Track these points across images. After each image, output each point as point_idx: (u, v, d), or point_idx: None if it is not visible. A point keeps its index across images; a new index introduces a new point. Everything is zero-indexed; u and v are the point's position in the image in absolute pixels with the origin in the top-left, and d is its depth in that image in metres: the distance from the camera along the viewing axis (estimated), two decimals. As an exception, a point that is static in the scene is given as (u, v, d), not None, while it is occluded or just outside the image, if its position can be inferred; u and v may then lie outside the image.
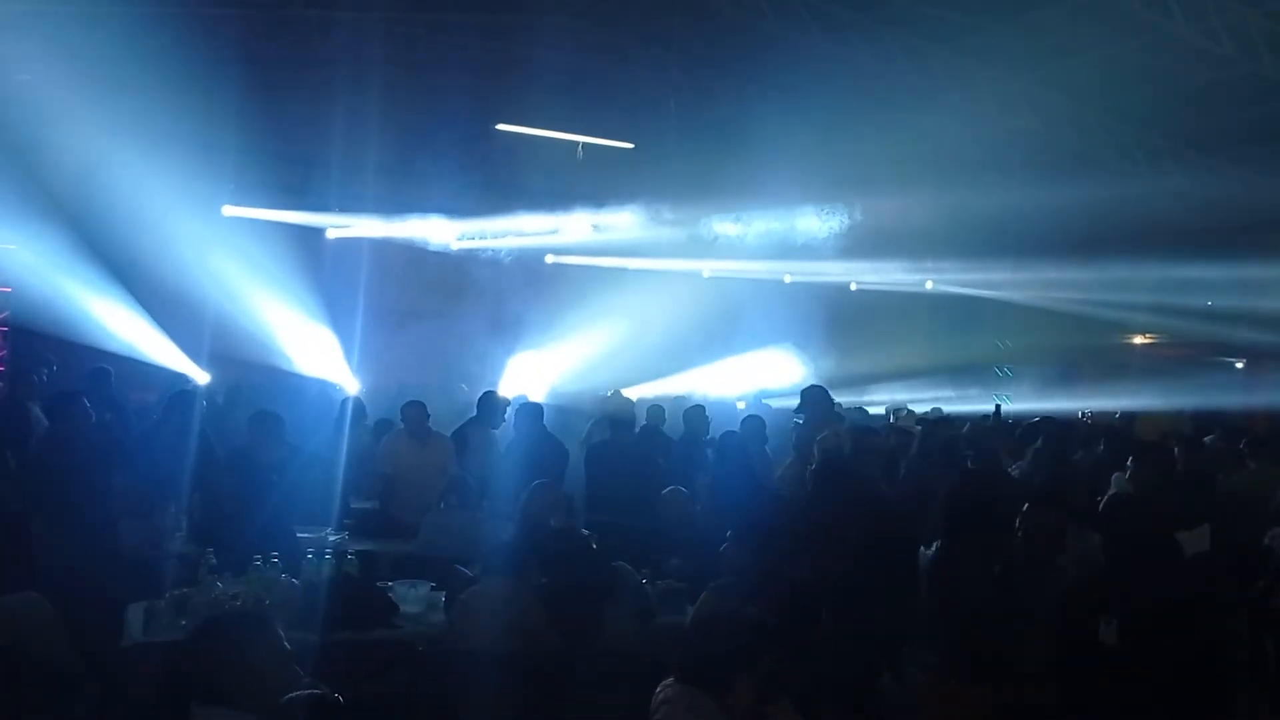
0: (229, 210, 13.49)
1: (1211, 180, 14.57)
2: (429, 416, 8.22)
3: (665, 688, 3.10)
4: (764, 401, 12.09)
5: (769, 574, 4.79)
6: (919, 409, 12.62)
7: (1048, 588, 4.06)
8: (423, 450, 7.97)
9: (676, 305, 15.05)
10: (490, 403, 8.52)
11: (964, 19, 12.40)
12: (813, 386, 7.50)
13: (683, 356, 15.09)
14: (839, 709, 4.35)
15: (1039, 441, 7.28)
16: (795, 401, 7.46)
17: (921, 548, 4.47)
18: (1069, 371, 16.15)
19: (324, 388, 11.72)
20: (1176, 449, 6.65)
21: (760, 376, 15.16)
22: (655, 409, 10.03)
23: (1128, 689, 3.53)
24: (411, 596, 5.20)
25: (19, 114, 10.45)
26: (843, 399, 10.97)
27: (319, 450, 7.81)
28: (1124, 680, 3.54)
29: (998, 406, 11.80)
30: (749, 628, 3.15)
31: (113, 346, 11.44)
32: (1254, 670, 5.08)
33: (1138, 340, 17.24)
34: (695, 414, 9.04)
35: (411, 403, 8.29)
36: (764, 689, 3.02)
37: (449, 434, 8.35)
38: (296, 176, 13.85)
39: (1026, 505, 4.31)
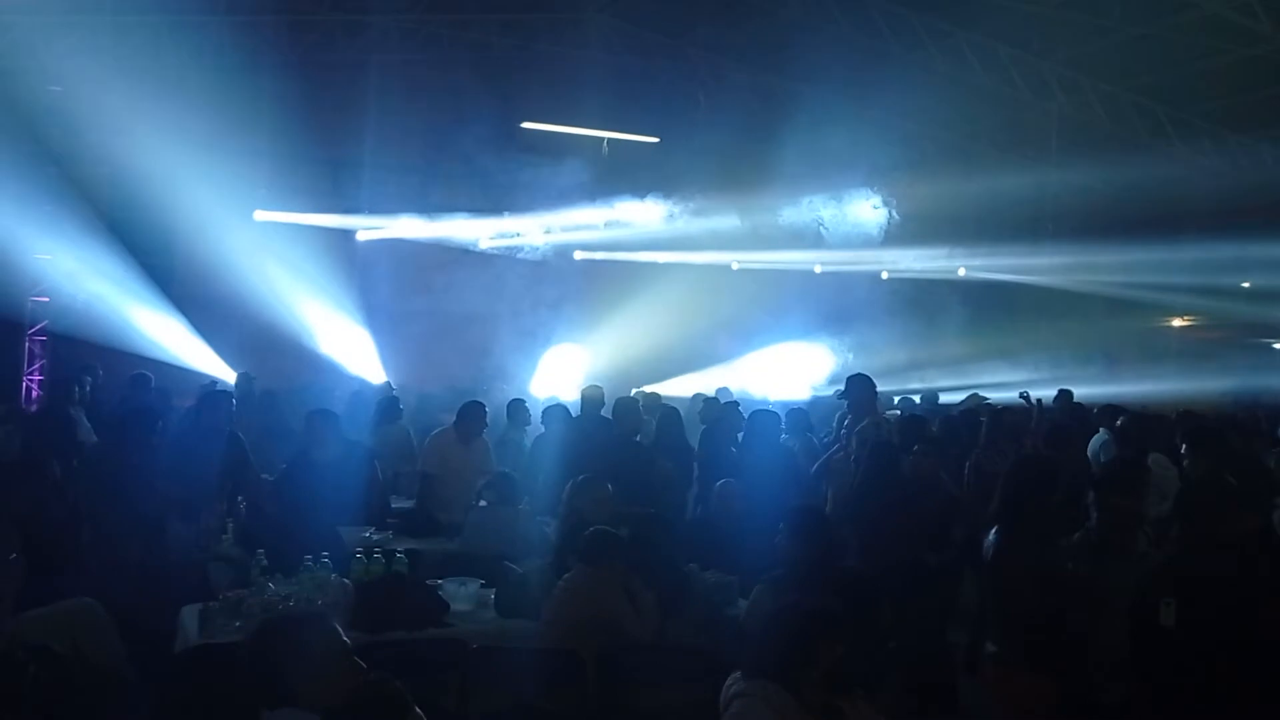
0: (261, 215, 13.56)
1: (1247, 159, 14.39)
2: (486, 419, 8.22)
3: (736, 681, 3.07)
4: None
5: (823, 565, 4.75)
6: (955, 397, 12.57)
7: (1117, 573, 3.99)
8: (466, 450, 7.96)
9: (705, 299, 15.01)
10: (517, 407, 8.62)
11: (992, 1, 12.28)
12: (857, 375, 7.46)
13: (713, 350, 15.05)
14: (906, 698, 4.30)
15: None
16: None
17: (983, 534, 4.40)
18: (1108, 356, 15.97)
19: (359, 387, 11.75)
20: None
21: (794, 369, 15.13)
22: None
23: (1192, 674, 3.47)
24: (462, 594, 5.18)
25: (54, 125, 10.55)
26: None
27: (360, 451, 7.82)
28: (1188, 666, 3.48)
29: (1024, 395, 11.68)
30: (820, 618, 3.11)
31: (151, 352, 11.54)
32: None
33: (1176, 323, 17.04)
34: (720, 410, 9.03)
35: (472, 403, 8.25)
36: (836, 679, 2.98)
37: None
38: (326, 180, 13.92)
39: (1098, 490, 4.24)
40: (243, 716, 2.91)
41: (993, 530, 4.30)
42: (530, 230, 15.09)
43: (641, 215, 15.03)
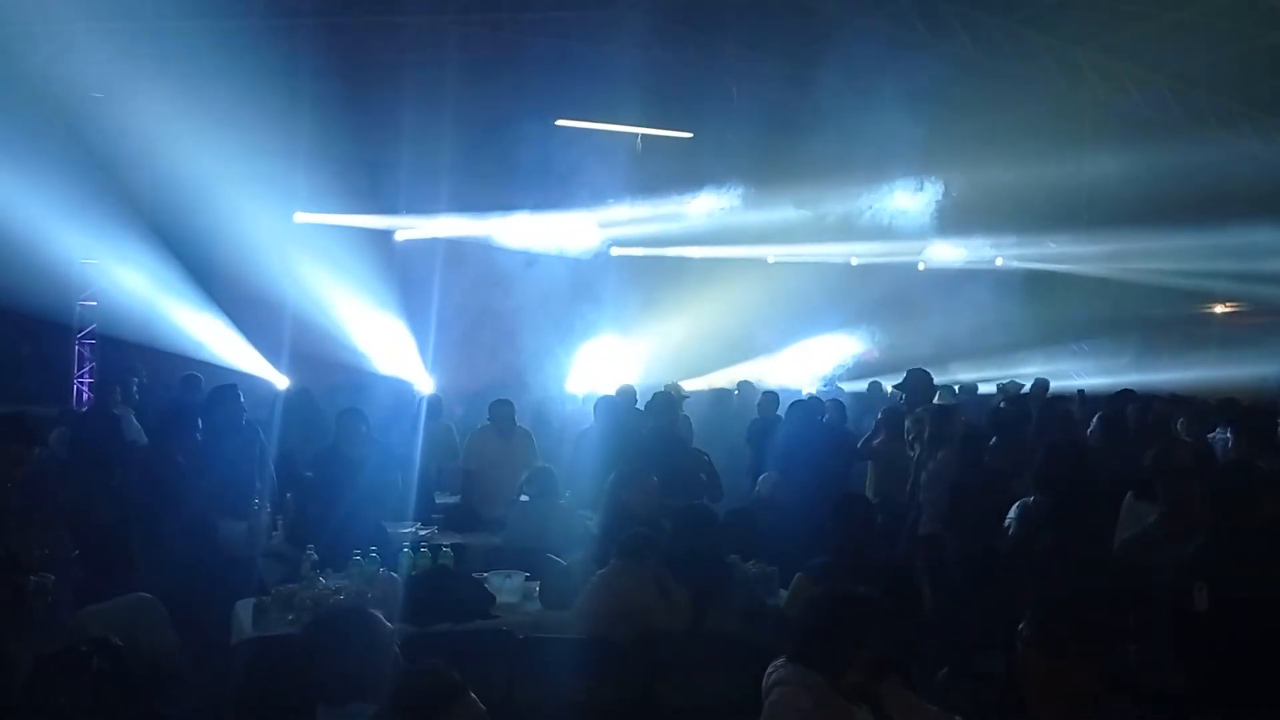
0: (301, 217, 13.72)
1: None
2: (515, 413, 8.39)
3: (777, 668, 3.12)
4: (837, 385, 12.05)
5: (863, 553, 4.79)
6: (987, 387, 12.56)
7: (1157, 559, 4.00)
8: (507, 445, 8.09)
9: (743, 293, 15.02)
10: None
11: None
12: (916, 369, 7.58)
13: (750, 344, 15.07)
14: (944, 686, 4.32)
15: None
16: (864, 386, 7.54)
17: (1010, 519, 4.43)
18: (1148, 344, 15.81)
19: (400, 387, 11.88)
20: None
21: (829, 361, 15.12)
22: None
23: (1225, 658, 3.48)
24: (507, 587, 5.27)
25: (96, 131, 10.74)
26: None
27: (396, 447, 7.96)
28: (1221, 650, 3.49)
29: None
30: (860, 606, 3.16)
31: (196, 353, 11.74)
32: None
33: (1218, 309, 16.84)
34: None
35: (501, 401, 8.48)
36: (876, 667, 3.02)
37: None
38: (365, 181, 14.04)
39: (1166, 480, 4.25)
40: (300, 712, 3.00)
41: (1019, 514, 4.33)
42: (567, 227, 15.15)
43: (678, 211, 15.07)
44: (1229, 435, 6.89)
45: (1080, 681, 4.15)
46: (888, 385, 10.05)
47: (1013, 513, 4.64)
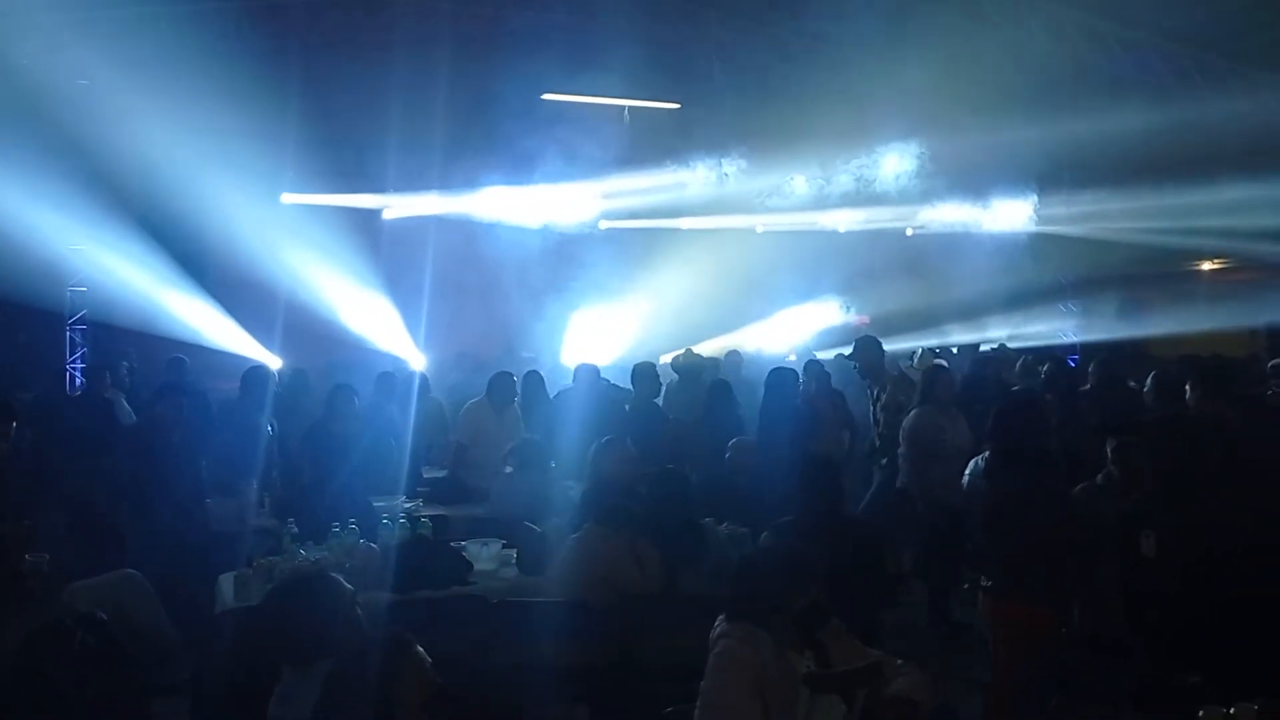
0: (287, 198, 13.78)
1: (1274, 98, 14.17)
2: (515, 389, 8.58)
3: (720, 623, 3.24)
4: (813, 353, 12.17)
5: (829, 514, 4.91)
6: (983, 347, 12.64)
7: (1107, 509, 4.12)
8: (499, 420, 8.23)
9: (731, 262, 15.09)
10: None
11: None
12: (865, 336, 7.90)
13: (739, 313, 15.16)
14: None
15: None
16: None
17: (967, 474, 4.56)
18: (1136, 303, 15.87)
19: (391, 364, 11.98)
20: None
21: (815, 327, 15.22)
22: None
23: (1172, 602, 3.60)
24: (485, 555, 5.40)
25: (82, 118, 10.79)
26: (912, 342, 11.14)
27: (386, 424, 8.07)
28: (1167, 594, 3.61)
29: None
30: (789, 562, 3.28)
31: (187, 337, 11.86)
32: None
33: (1206, 266, 16.88)
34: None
35: (502, 374, 8.69)
36: (814, 616, 3.14)
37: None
38: (350, 160, 14.08)
39: (1117, 434, 4.38)
40: (267, 673, 3.13)
41: (979, 467, 4.44)
42: (555, 201, 15.20)
43: (667, 182, 15.10)
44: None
45: (1038, 627, 4.30)
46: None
47: (969, 468, 4.77)
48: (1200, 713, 2.94)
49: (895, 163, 14.77)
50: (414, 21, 13.59)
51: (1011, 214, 16.11)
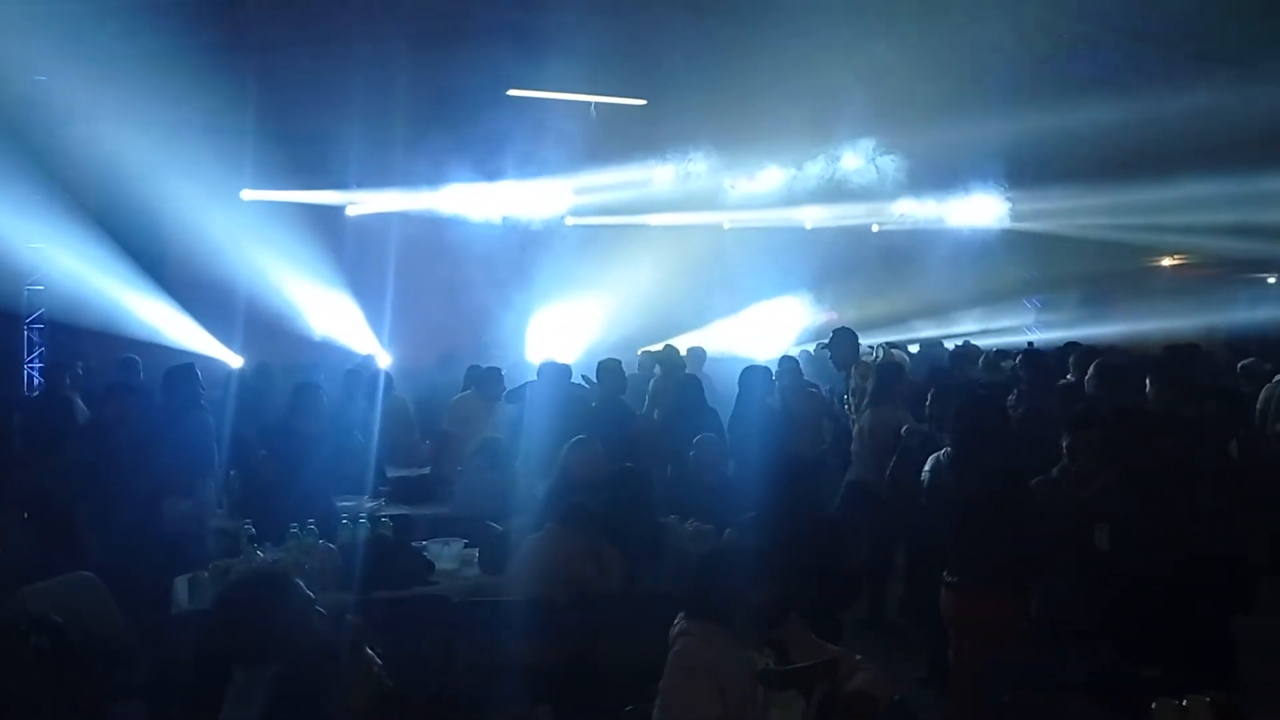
0: (248, 194, 13.64)
1: (1233, 94, 14.35)
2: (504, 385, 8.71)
3: (680, 621, 3.23)
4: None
5: (793, 512, 4.92)
6: (947, 345, 12.68)
7: (1064, 503, 4.15)
8: (488, 414, 8.26)
9: (698, 259, 15.10)
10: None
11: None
12: (842, 329, 8.07)
13: (706, 310, 15.18)
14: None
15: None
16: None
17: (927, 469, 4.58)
18: (1098, 298, 16.03)
19: (355, 362, 11.89)
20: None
21: (784, 325, 15.25)
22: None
23: (1126, 593, 3.63)
24: (446, 554, 5.38)
25: (38, 115, 10.63)
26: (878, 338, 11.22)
27: (351, 422, 8.00)
28: (1122, 585, 3.64)
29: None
30: (747, 560, 3.29)
31: (146, 336, 11.70)
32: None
33: (1166, 262, 17.07)
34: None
35: (491, 369, 8.93)
36: (764, 617, 3.14)
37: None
38: (312, 156, 13.94)
39: (1073, 427, 4.41)
40: (218, 673, 3.08)
41: (939, 463, 4.46)
42: (521, 197, 15.14)
43: (634, 178, 15.08)
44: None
45: (999, 619, 4.33)
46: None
47: (929, 464, 4.78)
48: (1154, 704, 2.97)
49: (860, 159, 14.84)
50: (376, 16, 13.48)
51: (975, 210, 16.23)
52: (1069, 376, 7.99)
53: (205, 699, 3.12)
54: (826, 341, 8.23)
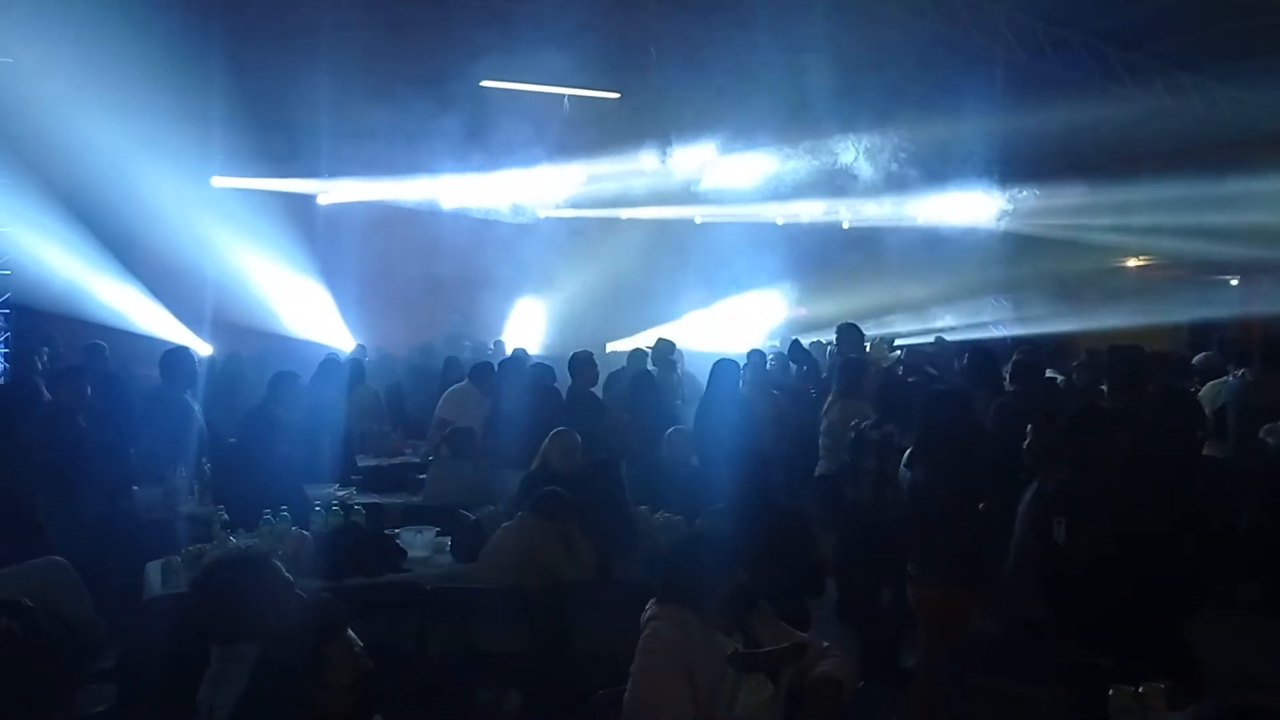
0: (218, 181, 13.55)
1: (1200, 98, 14.58)
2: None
3: (651, 606, 3.29)
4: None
5: (760, 504, 4.99)
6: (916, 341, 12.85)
7: (1024, 497, 4.25)
8: (482, 404, 8.31)
9: (670, 253, 15.17)
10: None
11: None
12: (846, 323, 8.50)
13: (677, 303, 15.24)
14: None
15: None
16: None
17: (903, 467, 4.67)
18: (1064, 297, 16.21)
19: (326, 352, 11.86)
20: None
21: (754, 320, 15.34)
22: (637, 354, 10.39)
23: (1082, 585, 3.73)
24: (418, 542, 5.41)
25: (4, 97, 10.51)
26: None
27: (326, 410, 8.01)
28: (1078, 577, 3.74)
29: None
30: (716, 547, 3.35)
31: (114, 322, 11.62)
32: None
33: (1131, 263, 17.30)
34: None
35: (485, 363, 9.12)
36: (733, 602, 3.21)
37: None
38: (284, 144, 13.88)
39: (1030, 425, 4.52)
40: (195, 654, 3.11)
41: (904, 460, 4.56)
42: (492, 189, 15.14)
43: (607, 171, 15.11)
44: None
45: (959, 610, 4.44)
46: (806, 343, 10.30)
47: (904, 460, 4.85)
48: (1111, 691, 3.07)
49: (832, 155, 14.95)
50: (349, 4, 13.42)
51: (945, 208, 16.39)
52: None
53: (180, 681, 3.14)
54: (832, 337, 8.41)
